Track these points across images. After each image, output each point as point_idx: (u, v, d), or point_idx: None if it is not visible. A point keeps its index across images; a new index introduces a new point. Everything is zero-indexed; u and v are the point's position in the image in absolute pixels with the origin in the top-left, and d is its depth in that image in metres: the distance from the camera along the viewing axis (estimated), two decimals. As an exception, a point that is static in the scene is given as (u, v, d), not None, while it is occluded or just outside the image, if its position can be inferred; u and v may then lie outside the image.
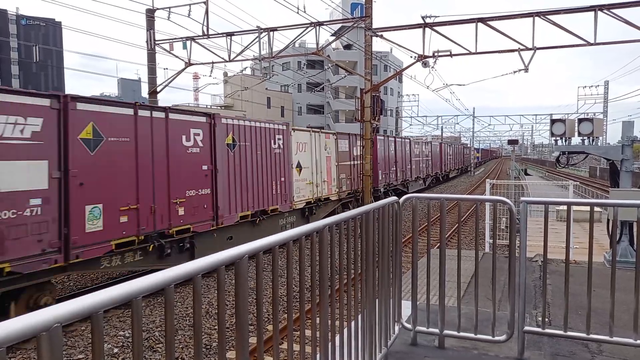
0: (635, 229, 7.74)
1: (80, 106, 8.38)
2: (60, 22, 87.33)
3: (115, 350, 7.39)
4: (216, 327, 8.09)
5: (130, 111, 9.39)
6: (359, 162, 20.06)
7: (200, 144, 11.19)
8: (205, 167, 11.33)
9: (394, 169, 26.25)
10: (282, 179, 14.60)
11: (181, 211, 10.51)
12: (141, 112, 9.62)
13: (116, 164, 8.99)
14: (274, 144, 14.37)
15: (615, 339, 3.40)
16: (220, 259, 1.66)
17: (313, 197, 16.64)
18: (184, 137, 10.69)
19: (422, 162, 33.13)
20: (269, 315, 8.02)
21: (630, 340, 3.37)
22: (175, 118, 10.52)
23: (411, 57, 15.90)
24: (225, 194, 11.94)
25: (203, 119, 11.43)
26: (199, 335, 1.58)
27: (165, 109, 10.36)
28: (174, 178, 10.32)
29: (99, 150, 8.66)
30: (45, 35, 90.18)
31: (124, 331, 8.07)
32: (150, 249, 9.76)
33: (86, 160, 8.40)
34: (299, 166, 15.73)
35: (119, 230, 9.03)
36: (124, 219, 9.12)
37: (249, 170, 12.97)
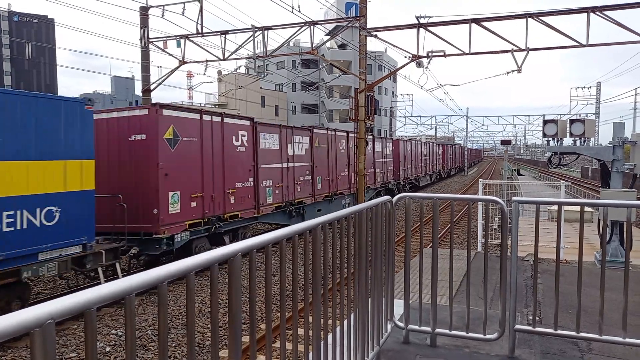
0: (625, 229, 7.81)
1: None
2: (52, 19, 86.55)
3: (108, 349, 7.36)
4: (209, 325, 8.08)
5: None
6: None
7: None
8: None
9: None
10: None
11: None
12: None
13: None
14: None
15: (604, 337, 3.44)
16: (214, 256, 1.66)
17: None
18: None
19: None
20: (262, 314, 8.02)
21: (619, 339, 3.41)
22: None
23: (405, 57, 15.97)
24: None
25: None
26: (191, 334, 1.58)
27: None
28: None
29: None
30: (37, 32, 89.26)
31: (116, 330, 8.04)
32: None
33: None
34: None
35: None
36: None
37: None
